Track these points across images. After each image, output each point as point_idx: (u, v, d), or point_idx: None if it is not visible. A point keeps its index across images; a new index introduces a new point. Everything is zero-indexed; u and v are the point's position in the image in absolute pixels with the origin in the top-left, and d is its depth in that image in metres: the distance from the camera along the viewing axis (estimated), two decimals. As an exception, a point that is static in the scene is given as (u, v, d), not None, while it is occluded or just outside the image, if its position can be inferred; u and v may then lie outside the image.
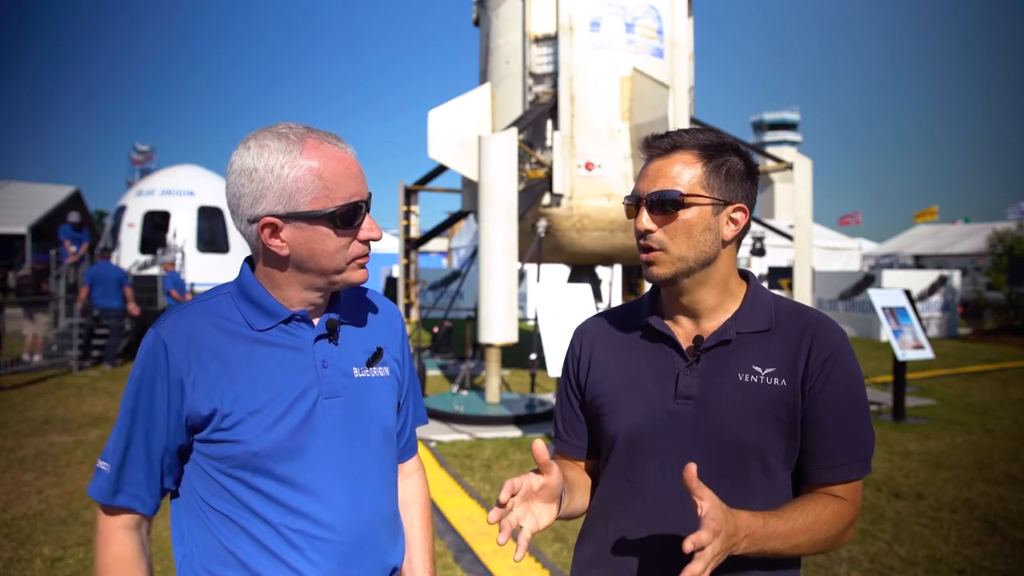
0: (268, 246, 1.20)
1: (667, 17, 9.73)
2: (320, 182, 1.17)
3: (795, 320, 1.30)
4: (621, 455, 1.34)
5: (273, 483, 1.20)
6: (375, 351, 1.35)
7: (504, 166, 7.85)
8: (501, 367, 8.40)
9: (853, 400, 1.26)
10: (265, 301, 1.25)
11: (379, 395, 1.34)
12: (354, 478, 1.27)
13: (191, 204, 17.46)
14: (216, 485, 1.21)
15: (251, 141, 1.19)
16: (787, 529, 1.16)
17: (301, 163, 1.17)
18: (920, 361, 9.87)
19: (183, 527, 1.25)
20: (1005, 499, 5.07)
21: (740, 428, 1.24)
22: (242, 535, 1.20)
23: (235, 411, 1.19)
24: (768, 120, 63.89)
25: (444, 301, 13.55)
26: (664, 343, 1.33)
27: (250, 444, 1.18)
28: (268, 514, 1.20)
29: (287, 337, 1.25)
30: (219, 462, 1.20)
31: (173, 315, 1.25)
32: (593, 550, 1.38)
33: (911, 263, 27.76)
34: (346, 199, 1.19)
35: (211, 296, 1.29)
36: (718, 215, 1.25)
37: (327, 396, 1.25)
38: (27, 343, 11.42)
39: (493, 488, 5.31)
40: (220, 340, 1.22)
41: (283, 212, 1.17)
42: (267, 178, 1.17)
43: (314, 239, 1.19)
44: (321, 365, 1.26)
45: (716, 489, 1.25)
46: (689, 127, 1.30)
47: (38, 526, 4.42)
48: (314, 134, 1.21)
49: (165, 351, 1.19)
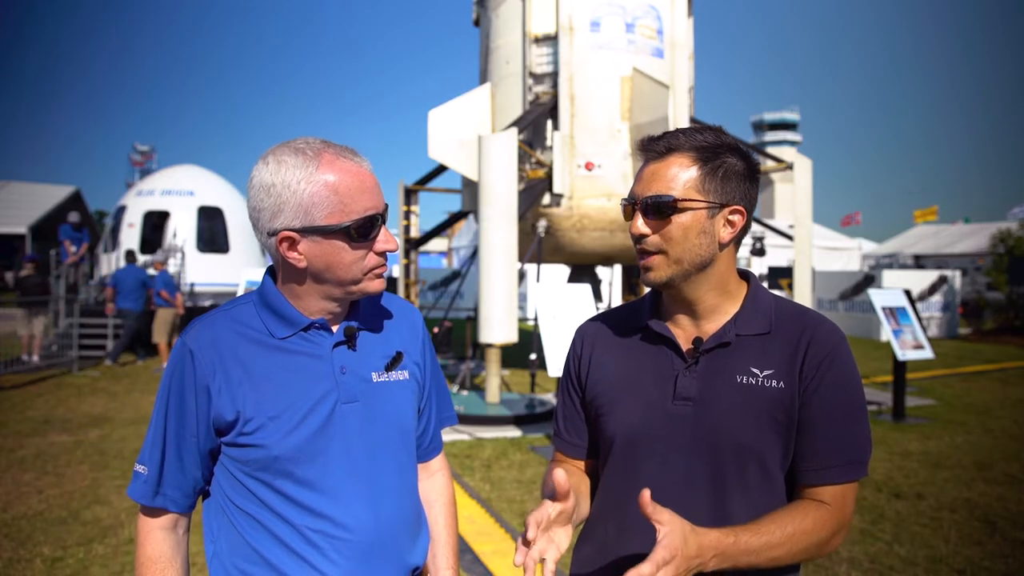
0: (286, 259, 1.24)
1: (667, 17, 9.73)
2: (336, 197, 1.20)
3: (794, 322, 1.29)
4: (620, 455, 1.34)
5: (294, 486, 1.25)
6: (394, 355, 1.39)
7: (504, 166, 7.85)
8: (501, 367, 8.40)
9: (847, 402, 1.25)
10: (285, 310, 1.30)
11: (398, 399, 1.37)
12: (373, 481, 1.31)
13: (191, 204, 17.45)
14: (241, 486, 1.27)
15: (270, 156, 1.23)
16: (761, 543, 1.15)
17: (317, 178, 1.20)
18: (920, 361, 9.87)
19: (213, 525, 1.32)
20: (1005, 499, 5.07)
21: (738, 430, 1.24)
22: (266, 534, 1.26)
23: (256, 416, 1.24)
24: (768, 120, 63.88)
25: (444, 301, 13.54)
26: (664, 344, 1.33)
27: (271, 448, 1.24)
28: (290, 515, 1.25)
29: (306, 344, 1.30)
30: (243, 464, 1.26)
31: (198, 324, 1.31)
32: (592, 550, 1.38)
33: (911, 263, 27.77)
34: (361, 213, 1.22)
35: (234, 305, 1.35)
36: (714, 218, 1.24)
37: (345, 401, 1.30)
38: (23, 344, 11.27)
39: (493, 488, 5.31)
40: (243, 347, 1.28)
41: (300, 226, 1.21)
42: (284, 193, 1.20)
43: (330, 252, 1.23)
44: (340, 371, 1.30)
45: (713, 490, 1.25)
46: (688, 127, 1.28)
47: (38, 526, 4.42)
48: (331, 149, 1.24)
49: (192, 358, 1.25)
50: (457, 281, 14.85)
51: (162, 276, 11.60)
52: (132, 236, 16.68)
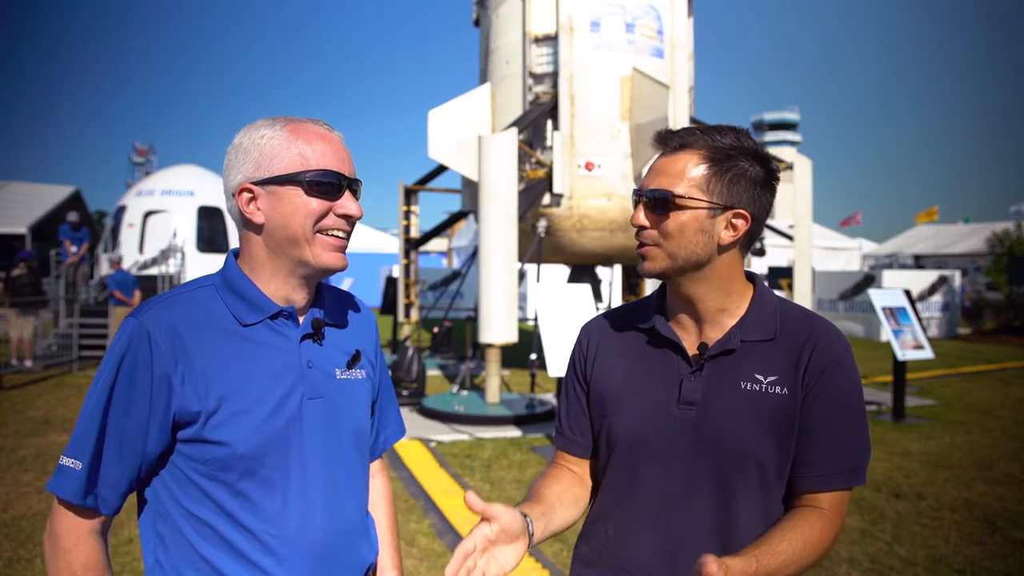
0: (244, 214, 1.21)
1: (667, 17, 9.73)
2: (295, 149, 1.19)
3: (799, 328, 1.29)
4: (622, 457, 1.34)
5: (254, 487, 1.17)
6: (354, 353, 1.34)
7: (504, 166, 7.85)
8: (501, 367, 8.40)
9: (846, 409, 1.25)
10: (251, 293, 1.23)
11: (357, 398, 1.33)
12: (331, 480, 1.26)
13: (191, 204, 17.46)
14: (194, 488, 1.17)
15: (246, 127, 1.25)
16: (779, 564, 1.14)
17: (280, 134, 1.21)
18: (920, 361, 9.87)
19: (153, 532, 1.21)
20: (1005, 499, 5.07)
21: (740, 435, 1.24)
22: (218, 541, 1.17)
23: (221, 410, 1.15)
24: (768, 120, 63.93)
25: (444, 301, 13.55)
26: (669, 348, 1.33)
27: (235, 446, 1.15)
28: (246, 520, 1.17)
29: (273, 335, 1.23)
30: (201, 464, 1.16)
31: (157, 305, 1.19)
32: (592, 550, 1.38)
33: (911, 263, 27.77)
34: (321, 167, 1.20)
35: (193, 288, 1.25)
36: (715, 218, 1.23)
37: (311, 397, 1.23)
38: (12, 347, 10.81)
39: (493, 488, 5.31)
40: (206, 334, 1.18)
41: (258, 178, 1.20)
42: (250, 149, 1.21)
43: (286, 203, 1.19)
44: (306, 365, 1.25)
45: (715, 494, 1.25)
46: (710, 126, 1.26)
47: (38, 526, 4.42)
48: (303, 119, 1.25)
49: (149, 342, 1.13)
50: (457, 281, 14.85)
51: (116, 275, 11.39)
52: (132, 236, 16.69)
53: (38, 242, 21.60)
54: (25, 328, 10.88)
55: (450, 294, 13.16)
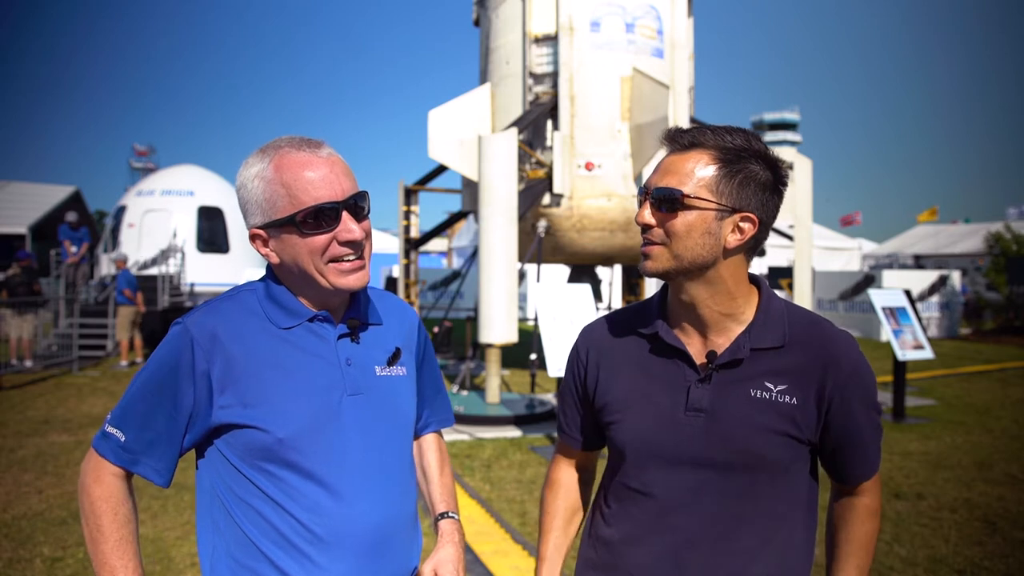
0: (262, 256, 1.28)
1: (667, 17, 9.73)
2: (283, 190, 1.21)
3: (809, 335, 1.28)
4: (629, 463, 1.33)
5: (298, 478, 1.23)
6: (394, 351, 1.39)
7: (504, 166, 7.85)
8: (501, 367, 8.40)
9: (872, 410, 1.30)
10: (289, 302, 1.29)
11: (400, 394, 1.38)
12: (377, 476, 1.30)
13: (191, 204, 17.46)
14: (242, 478, 1.24)
15: (248, 158, 1.28)
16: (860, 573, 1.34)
17: (267, 175, 1.23)
18: (920, 361, 9.88)
19: (212, 518, 1.29)
20: (1005, 499, 5.07)
21: (749, 443, 1.23)
22: (267, 528, 1.23)
23: (261, 403, 1.22)
24: (768, 120, 63.95)
25: (444, 301, 13.54)
26: (675, 355, 1.31)
27: (276, 431, 1.21)
28: (292, 509, 1.23)
29: (310, 336, 1.29)
30: (246, 452, 1.23)
31: (202, 309, 1.29)
32: (595, 553, 1.38)
33: (911, 263, 27.76)
34: (310, 203, 1.20)
35: (238, 292, 1.33)
36: (722, 221, 1.21)
37: (351, 393, 1.29)
38: (11, 347, 10.86)
39: (493, 488, 5.31)
40: (247, 335, 1.26)
41: (261, 223, 1.24)
42: (245, 194, 1.25)
43: (289, 245, 1.24)
44: (345, 363, 1.30)
45: (721, 500, 1.25)
46: (721, 126, 1.24)
47: (38, 526, 4.42)
48: (290, 144, 1.25)
49: (192, 344, 1.22)
50: (457, 281, 14.84)
51: (124, 275, 11.68)
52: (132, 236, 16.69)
53: (38, 242, 21.59)
54: (24, 328, 10.94)
55: (450, 294, 13.16)
